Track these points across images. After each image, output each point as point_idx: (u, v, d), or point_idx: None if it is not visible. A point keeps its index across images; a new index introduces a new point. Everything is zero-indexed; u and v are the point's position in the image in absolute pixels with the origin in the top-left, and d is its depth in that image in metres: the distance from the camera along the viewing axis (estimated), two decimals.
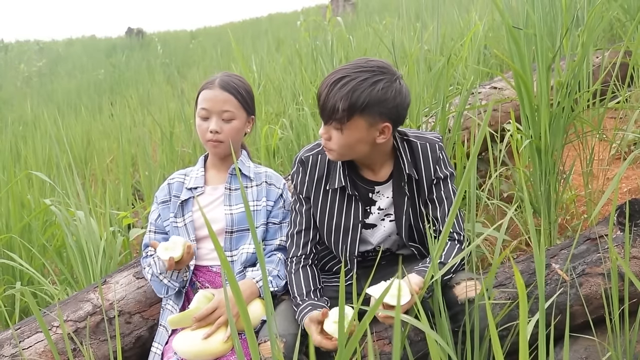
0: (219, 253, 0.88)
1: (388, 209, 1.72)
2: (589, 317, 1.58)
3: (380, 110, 1.49)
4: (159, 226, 1.92)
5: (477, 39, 2.37)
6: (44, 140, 5.15)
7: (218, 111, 1.82)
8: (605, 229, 1.80)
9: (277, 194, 1.92)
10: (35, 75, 13.52)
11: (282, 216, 1.91)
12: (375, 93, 1.47)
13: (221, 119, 1.82)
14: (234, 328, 0.96)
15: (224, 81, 1.84)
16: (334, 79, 1.50)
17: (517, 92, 2.05)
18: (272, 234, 1.89)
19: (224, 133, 1.82)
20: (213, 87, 1.82)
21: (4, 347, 1.76)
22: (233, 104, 1.83)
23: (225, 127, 1.83)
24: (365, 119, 1.50)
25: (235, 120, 1.84)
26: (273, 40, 9.61)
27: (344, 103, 1.47)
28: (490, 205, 2.44)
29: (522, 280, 0.78)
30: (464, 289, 1.51)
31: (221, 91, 1.82)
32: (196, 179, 1.92)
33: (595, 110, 2.75)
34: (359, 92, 1.46)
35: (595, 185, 2.38)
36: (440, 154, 1.68)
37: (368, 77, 1.48)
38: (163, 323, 1.82)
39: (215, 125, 1.81)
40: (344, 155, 1.60)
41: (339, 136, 1.54)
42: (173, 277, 1.81)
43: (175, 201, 1.90)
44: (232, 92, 1.83)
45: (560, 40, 2.42)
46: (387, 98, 1.49)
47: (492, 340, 0.95)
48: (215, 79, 1.85)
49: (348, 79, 1.48)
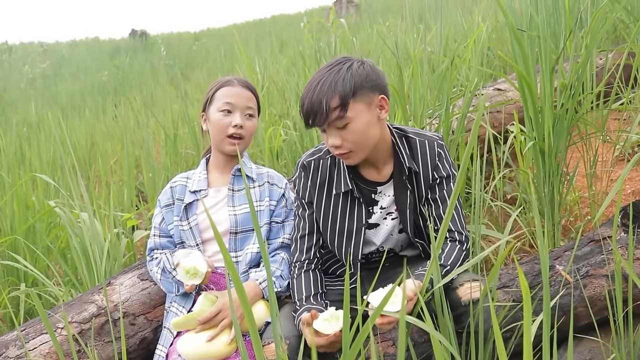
0: (225, 256, 0.88)
1: (389, 207, 1.72)
2: (593, 318, 1.58)
3: (368, 85, 1.53)
4: (163, 230, 1.92)
5: (481, 40, 2.37)
6: (48, 142, 5.16)
7: (242, 107, 1.88)
8: (609, 231, 1.80)
9: (280, 194, 1.94)
10: (39, 77, 13.56)
11: (285, 215, 1.92)
12: (355, 73, 1.51)
13: (244, 114, 1.88)
14: (238, 330, 0.97)
15: (244, 81, 1.92)
16: (311, 87, 1.52)
17: (521, 94, 2.05)
18: (275, 232, 1.90)
19: (246, 129, 1.88)
20: (235, 85, 1.89)
21: (9, 349, 1.76)
22: (254, 102, 1.91)
23: (247, 124, 1.88)
24: (360, 100, 1.52)
25: (255, 119, 1.92)
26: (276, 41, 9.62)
27: (333, 99, 1.49)
28: (493, 207, 2.44)
29: (526, 282, 0.78)
30: (467, 290, 1.51)
31: (244, 89, 1.89)
32: (199, 182, 1.93)
33: (599, 111, 2.75)
34: (340, 80, 1.49)
35: (599, 186, 2.37)
36: (441, 152, 1.68)
37: (339, 68, 1.52)
38: (167, 325, 1.82)
39: (239, 119, 1.86)
40: (363, 150, 1.59)
41: (348, 132, 1.54)
42: None
43: (179, 204, 1.90)
44: (253, 91, 1.92)
45: (563, 42, 2.43)
46: (368, 73, 1.53)
47: (496, 341, 0.96)
48: (232, 79, 1.92)
49: (323, 79, 1.51)
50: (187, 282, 1.68)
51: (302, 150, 3.11)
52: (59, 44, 19.20)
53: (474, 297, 1.47)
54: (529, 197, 2.34)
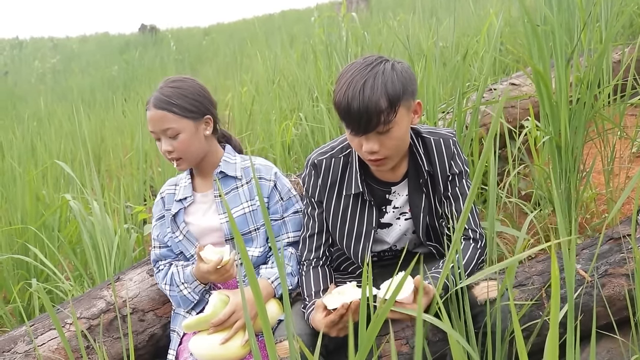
0: (242, 252, 0.85)
1: (403, 207, 1.68)
2: (612, 318, 1.54)
3: (411, 89, 1.46)
4: (162, 241, 1.87)
5: (496, 35, 2.32)
6: (58, 136, 5.16)
7: (160, 131, 1.72)
8: (628, 229, 1.75)
9: (270, 187, 1.83)
10: (49, 72, 13.61)
11: (283, 209, 1.83)
12: (399, 75, 1.43)
13: (168, 137, 1.72)
14: (251, 331, 0.94)
15: (156, 98, 1.72)
16: (358, 86, 1.40)
17: (537, 88, 2.01)
18: (277, 230, 1.83)
19: (176, 150, 1.72)
20: (150, 108, 1.73)
21: (17, 344, 1.75)
22: (170, 119, 1.70)
23: (174, 144, 1.72)
24: (405, 105, 1.45)
25: (181, 134, 1.71)
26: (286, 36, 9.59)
27: (385, 100, 1.39)
28: (508, 204, 2.40)
29: (557, 272, 0.75)
30: (483, 290, 1.47)
31: (155, 110, 1.71)
32: (184, 189, 1.85)
33: (616, 106, 2.70)
34: (389, 82, 1.40)
35: (615, 183, 2.33)
36: (455, 149, 1.64)
37: (383, 69, 1.42)
38: (175, 328, 1.79)
39: (165, 145, 1.72)
40: (398, 156, 1.54)
41: (389, 137, 1.45)
42: (196, 290, 1.76)
43: (168, 215, 1.85)
44: (165, 107, 1.70)
45: (577, 35, 2.38)
46: (408, 75, 1.46)
47: (517, 340, 0.92)
48: (151, 99, 1.74)
49: (371, 79, 1.40)
50: (213, 257, 1.63)
51: (314, 144, 3.08)
52: (69, 39, 19.28)
53: (490, 296, 1.44)
54: (545, 194, 2.30)
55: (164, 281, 1.81)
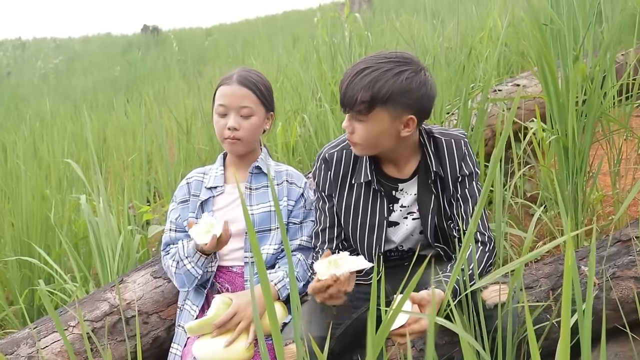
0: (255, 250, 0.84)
1: (411, 207, 1.67)
2: (624, 320, 1.52)
3: (403, 101, 1.45)
4: (179, 225, 1.87)
5: (500, 36, 2.31)
6: (61, 137, 5.15)
7: (236, 107, 1.76)
8: (636, 231, 1.74)
9: (299, 193, 1.88)
10: (52, 72, 13.61)
11: (303, 216, 1.87)
12: (399, 84, 1.43)
13: (239, 115, 1.77)
14: (260, 332, 0.93)
15: (242, 76, 1.78)
16: (357, 69, 1.46)
17: (544, 88, 2.00)
18: (293, 233, 1.85)
19: (243, 130, 1.77)
20: (231, 83, 1.77)
21: (20, 347, 1.74)
22: (252, 100, 1.77)
23: (243, 124, 1.77)
24: (388, 110, 1.46)
25: (254, 117, 1.78)
26: (289, 37, 9.58)
27: (365, 94, 1.44)
28: (513, 205, 2.39)
29: (570, 271, 0.73)
30: (492, 294, 1.46)
31: (239, 87, 1.77)
32: (215, 178, 1.87)
33: (622, 107, 2.69)
34: (381, 82, 1.43)
35: (622, 185, 2.31)
36: (466, 150, 1.63)
37: (391, 68, 1.44)
38: (181, 323, 1.78)
39: (233, 121, 1.76)
40: (368, 148, 1.56)
41: (362, 128, 1.50)
42: (198, 264, 1.73)
43: (195, 201, 1.86)
44: (250, 87, 1.77)
45: (582, 36, 2.37)
46: (412, 89, 1.45)
47: (530, 343, 0.91)
48: (232, 75, 1.80)
49: (371, 70, 1.44)
50: (205, 240, 1.63)
51: (318, 145, 3.06)
52: (71, 39, 19.30)
53: (498, 300, 1.42)
54: (551, 195, 2.28)
55: (172, 258, 1.78)
